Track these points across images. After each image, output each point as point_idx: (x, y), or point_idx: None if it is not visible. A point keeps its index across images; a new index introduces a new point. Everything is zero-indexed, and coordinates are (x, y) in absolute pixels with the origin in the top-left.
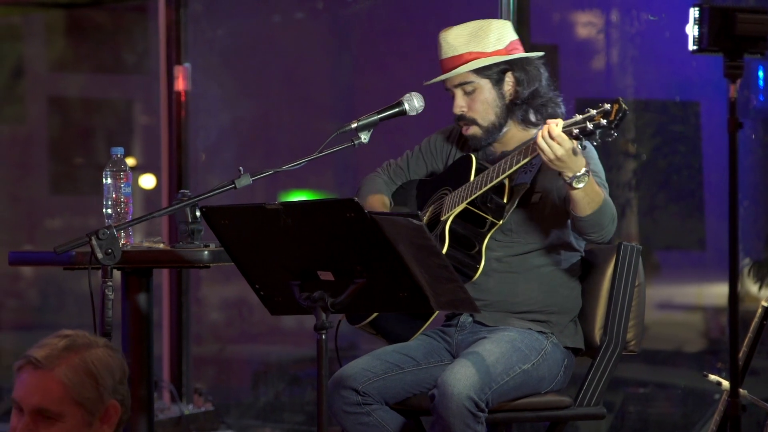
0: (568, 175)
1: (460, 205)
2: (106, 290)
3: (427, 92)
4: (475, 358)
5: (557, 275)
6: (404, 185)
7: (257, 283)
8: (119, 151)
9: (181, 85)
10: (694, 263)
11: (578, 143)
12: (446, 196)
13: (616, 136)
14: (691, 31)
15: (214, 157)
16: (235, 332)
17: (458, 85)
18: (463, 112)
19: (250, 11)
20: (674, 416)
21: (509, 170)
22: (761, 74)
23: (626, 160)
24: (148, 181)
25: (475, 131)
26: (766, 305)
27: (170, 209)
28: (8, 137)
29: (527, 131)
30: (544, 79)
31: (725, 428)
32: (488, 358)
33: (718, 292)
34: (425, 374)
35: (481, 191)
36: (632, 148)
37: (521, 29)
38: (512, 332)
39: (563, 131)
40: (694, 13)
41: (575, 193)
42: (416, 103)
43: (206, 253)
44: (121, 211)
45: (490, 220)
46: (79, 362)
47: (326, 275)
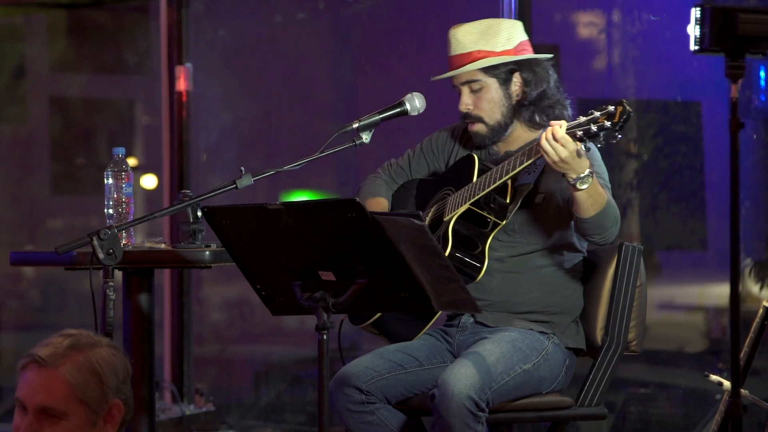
0: (571, 176)
1: (463, 205)
2: (107, 290)
3: (428, 92)
4: (475, 358)
5: (559, 276)
6: (405, 184)
7: (258, 283)
8: (121, 151)
9: (182, 85)
10: (695, 263)
11: (582, 145)
12: (449, 196)
13: (620, 138)
14: (692, 31)
15: (215, 157)
16: (236, 332)
17: (465, 82)
18: (468, 110)
19: (251, 11)
20: (675, 416)
21: (513, 171)
22: (763, 74)
23: (628, 160)
24: (149, 181)
25: (480, 128)
26: (767, 305)
27: (172, 209)
28: (10, 137)
29: (532, 132)
30: (552, 80)
31: (726, 428)
32: (489, 358)
33: (719, 292)
34: (428, 375)
35: (484, 192)
36: (634, 148)
37: None
38: (513, 332)
39: (567, 133)
40: (695, 13)
41: (579, 194)
42: (417, 103)
43: (207, 253)
44: (122, 211)
45: (493, 220)
46: (83, 361)
47: (328, 275)
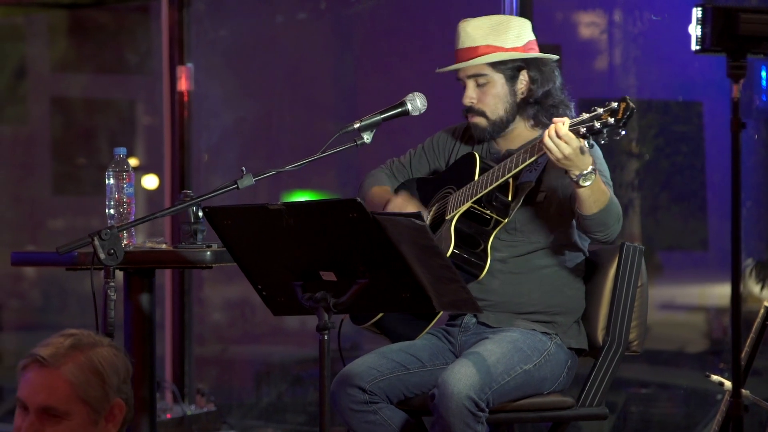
0: (574, 173)
1: (465, 204)
2: (108, 291)
3: (429, 92)
4: (476, 357)
5: (562, 276)
6: (405, 182)
7: (260, 283)
8: (122, 151)
9: (183, 85)
10: (696, 264)
11: (585, 142)
12: (450, 195)
13: (623, 134)
14: (694, 31)
15: (216, 157)
16: (237, 333)
17: (472, 75)
18: (472, 103)
19: (252, 11)
20: (676, 417)
21: (515, 169)
22: (764, 74)
23: (629, 160)
24: (150, 181)
25: (480, 121)
26: None
27: (173, 210)
28: (11, 137)
29: (534, 131)
30: (557, 81)
31: (727, 428)
32: (489, 358)
33: (720, 292)
34: (430, 376)
35: (486, 190)
36: (635, 148)
37: None
38: (515, 333)
39: (570, 130)
40: (697, 13)
41: (581, 191)
42: (419, 103)
43: (209, 253)
44: (123, 211)
45: (495, 218)
46: (85, 361)
47: (329, 275)
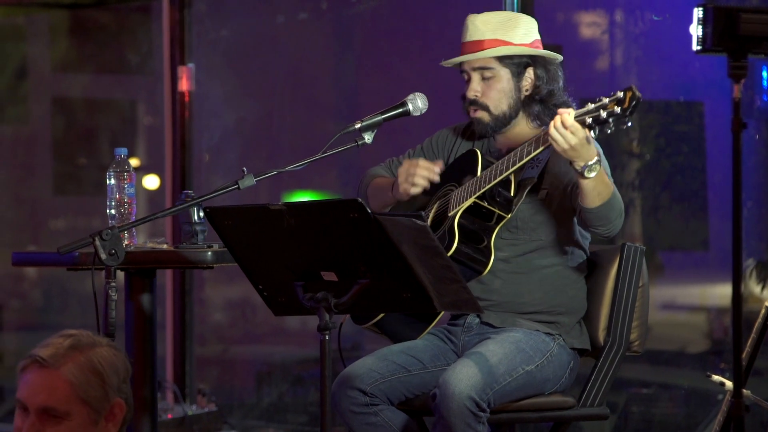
0: (579, 164)
1: (468, 199)
2: (109, 291)
3: (430, 93)
4: (478, 358)
5: (564, 275)
6: None
7: (260, 283)
8: (123, 151)
9: (184, 85)
10: (697, 264)
11: (592, 132)
12: (452, 192)
13: (630, 125)
14: (695, 31)
15: (217, 157)
16: (238, 333)
17: (478, 68)
18: (476, 96)
19: (253, 11)
20: (677, 417)
21: (519, 162)
22: (765, 74)
23: (630, 160)
24: (151, 181)
25: (483, 115)
26: None
27: (174, 210)
28: (12, 138)
29: (535, 130)
30: (561, 82)
31: (728, 428)
32: (491, 358)
33: (721, 292)
34: (431, 377)
35: (490, 185)
36: (636, 148)
37: None
38: (518, 333)
39: (576, 120)
40: (698, 13)
41: (585, 183)
42: (420, 103)
43: (209, 253)
44: (124, 211)
45: (498, 213)
46: (84, 361)
47: (330, 276)
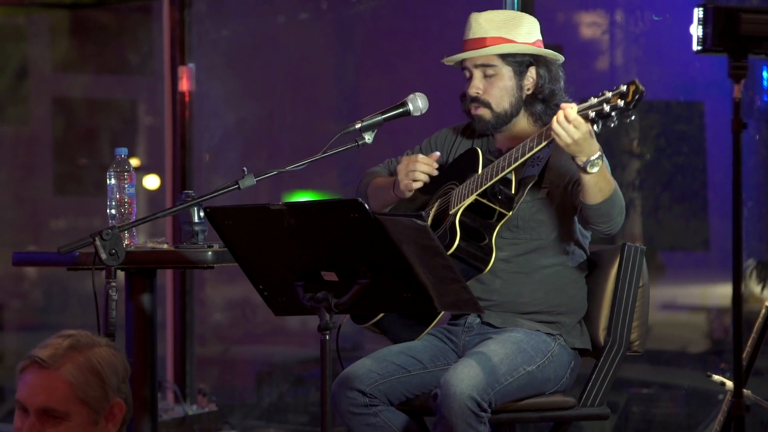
0: (582, 159)
1: (470, 196)
2: (109, 291)
3: (431, 93)
4: (479, 358)
5: (564, 275)
6: None
7: (261, 283)
8: (123, 151)
9: (185, 85)
10: (697, 264)
11: (595, 126)
12: (453, 190)
13: (633, 118)
14: (695, 31)
15: (218, 157)
16: (238, 333)
17: (480, 66)
18: (478, 94)
19: (254, 12)
20: (678, 416)
21: (522, 158)
22: (765, 74)
23: (630, 160)
24: (152, 181)
25: (484, 113)
26: None
27: (174, 210)
28: (12, 138)
29: (535, 129)
30: (562, 82)
31: (729, 428)
32: (493, 358)
33: (721, 292)
34: (431, 377)
35: (492, 181)
36: (636, 148)
37: None
38: (519, 333)
39: (579, 114)
40: (698, 13)
41: (587, 179)
42: (420, 103)
43: (210, 253)
44: (125, 211)
45: (499, 211)
46: (84, 361)
47: (330, 276)
